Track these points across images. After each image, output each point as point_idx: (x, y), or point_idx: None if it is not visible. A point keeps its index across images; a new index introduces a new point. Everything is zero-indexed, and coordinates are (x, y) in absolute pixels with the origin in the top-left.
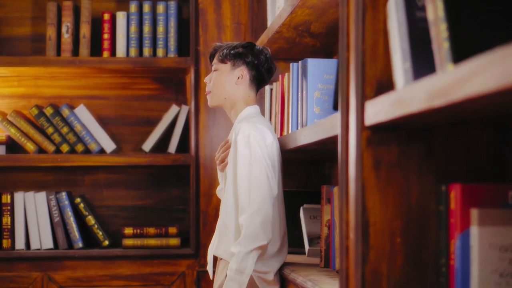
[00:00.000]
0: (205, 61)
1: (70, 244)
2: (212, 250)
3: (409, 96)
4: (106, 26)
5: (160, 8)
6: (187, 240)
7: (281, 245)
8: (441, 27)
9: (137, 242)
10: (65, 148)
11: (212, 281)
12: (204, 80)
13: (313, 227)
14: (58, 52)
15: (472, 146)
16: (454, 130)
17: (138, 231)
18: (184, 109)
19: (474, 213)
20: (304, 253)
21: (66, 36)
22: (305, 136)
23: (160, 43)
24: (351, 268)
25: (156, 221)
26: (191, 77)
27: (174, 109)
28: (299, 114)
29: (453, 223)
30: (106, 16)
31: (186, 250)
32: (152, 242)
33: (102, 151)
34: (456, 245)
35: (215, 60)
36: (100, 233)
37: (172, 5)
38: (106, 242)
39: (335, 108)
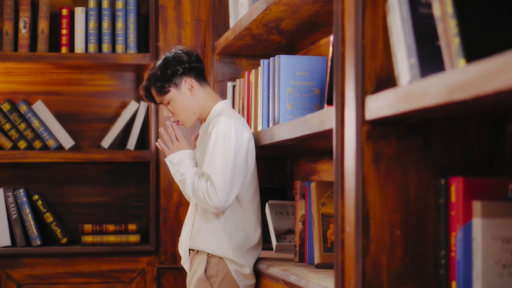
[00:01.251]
0: None
1: (28, 242)
2: (185, 243)
3: (422, 90)
4: (65, 22)
5: (119, 4)
6: (147, 237)
7: (259, 239)
8: (450, 23)
9: (97, 239)
10: (22, 144)
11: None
12: (166, 115)
13: (279, 222)
14: (16, 47)
15: (468, 141)
16: (451, 125)
17: (98, 228)
18: (143, 105)
19: (477, 205)
20: (271, 249)
21: (24, 31)
22: (284, 132)
23: (119, 39)
24: (348, 261)
25: (114, 218)
26: None
27: (133, 105)
28: (270, 111)
29: (453, 215)
30: (64, 12)
31: (146, 246)
32: (112, 239)
33: (60, 148)
34: (458, 237)
35: (157, 96)
36: (59, 230)
37: (132, 1)
38: (65, 239)
39: (329, 103)
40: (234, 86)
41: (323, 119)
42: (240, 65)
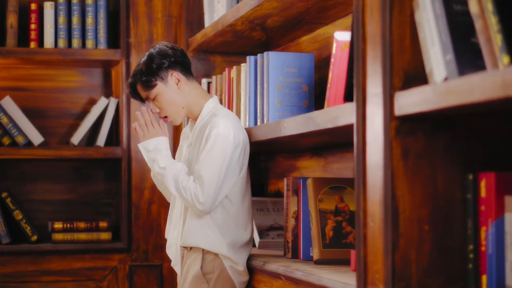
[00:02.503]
0: (136, 53)
1: None
2: (175, 244)
3: (470, 86)
4: (33, 16)
5: None
6: (117, 234)
7: (250, 237)
8: (492, 20)
9: (67, 236)
10: None
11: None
12: (153, 111)
13: (261, 219)
14: None
15: (493, 136)
16: (476, 121)
17: (68, 225)
18: (113, 101)
19: (509, 200)
20: (254, 246)
21: None
22: (286, 129)
23: (89, 35)
24: (372, 256)
25: (82, 216)
26: (122, 69)
27: (103, 101)
28: (258, 107)
29: (483, 210)
30: (33, 6)
31: (118, 244)
32: (83, 236)
33: (29, 144)
34: (489, 232)
35: (143, 91)
36: (28, 227)
37: None
38: (35, 237)
39: (348, 99)
40: (209, 83)
41: (335, 115)
42: (214, 62)
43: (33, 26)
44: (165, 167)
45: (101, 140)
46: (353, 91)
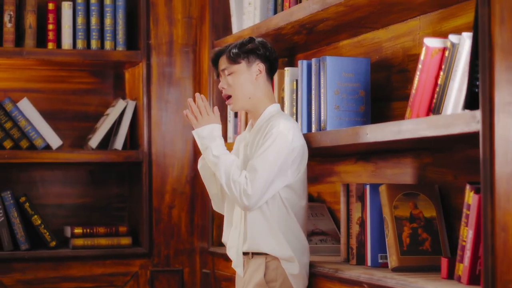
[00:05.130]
0: (156, 55)
1: (15, 245)
2: (236, 246)
3: None
4: (51, 17)
5: None
6: (136, 239)
7: (307, 243)
8: None
9: (88, 242)
10: (8, 144)
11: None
12: (220, 86)
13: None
14: (0, 42)
15: None
16: None
17: (88, 230)
18: (131, 104)
19: None
20: None
21: (9, 26)
22: (368, 135)
23: (108, 36)
24: (504, 266)
25: (96, 220)
26: (143, 71)
27: (121, 103)
28: (313, 113)
29: None
30: (51, 6)
31: (139, 249)
32: (103, 241)
33: (48, 147)
34: None
35: (224, 63)
36: (47, 233)
37: None
38: (54, 243)
39: (469, 107)
40: None
41: (449, 122)
42: None
43: (50, 26)
44: (218, 156)
45: (119, 143)
46: (479, 99)
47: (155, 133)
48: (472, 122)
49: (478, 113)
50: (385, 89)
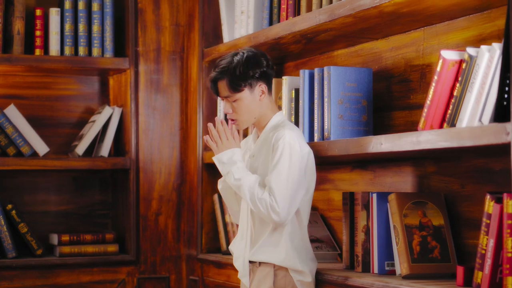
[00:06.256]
0: (144, 62)
1: (2, 253)
2: (243, 256)
3: None
4: (39, 23)
5: (95, 6)
6: (122, 246)
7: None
8: None
9: (75, 249)
10: None
11: None
12: (225, 111)
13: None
14: None
15: None
16: None
17: (75, 237)
18: (117, 110)
19: None
20: None
21: None
22: (382, 145)
23: (96, 42)
24: None
25: (79, 227)
26: (130, 78)
27: (107, 110)
28: (316, 122)
29: None
30: (39, 12)
31: (126, 256)
32: (90, 249)
33: (35, 154)
34: None
35: (226, 91)
36: (34, 241)
37: (108, 3)
38: (40, 251)
39: (500, 119)
40: None
41: (476, 134)
42: None
43: (38, 32)
44: (240, 178)
45: (105, 150)
46: (509, 111)
47: (142, 140)
48: (502, 134)
49: (509, 126)
50: (385, 98)
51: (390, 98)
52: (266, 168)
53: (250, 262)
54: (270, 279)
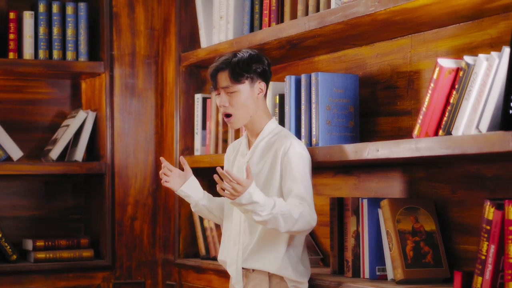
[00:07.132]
0: (119, 66)
1: None
2: (236, 263)
3: None
4: (12, 26)
5: (70, 9)
6: (97, 251)
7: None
8: None
9: (49, 254)
10: None
11: None
12: (220, 104)
13: None
14: None
15: None
16: None
17: (50, 243)
18: (91, 115)
19: None
20: None
21: None
22: (378, 152)
23: (70, 46)
24: None
25: (52, 232)
26: (105, 82)
27: (81, 114)
28: (303, 128)
29: None
30: (12, 15)
31: (101, 262)
32: (65, 254)
33: (9, 159)
34: None
35: (226, 81)
36: (8, 246)
37: (82, 7)
38: (15, 256)
39: (505, 127)
40: (205, 98)
41: (479, 141)
42: (205, 77)
43: (11, 36)
44: (270, 212)
45: (79, 155)
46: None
47: (117, 144)
48: (509, 142)
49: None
50: (370, 104)
51: (376, 104)
52: (272, 177)
53: (243, 268)
54: (265, 285)
